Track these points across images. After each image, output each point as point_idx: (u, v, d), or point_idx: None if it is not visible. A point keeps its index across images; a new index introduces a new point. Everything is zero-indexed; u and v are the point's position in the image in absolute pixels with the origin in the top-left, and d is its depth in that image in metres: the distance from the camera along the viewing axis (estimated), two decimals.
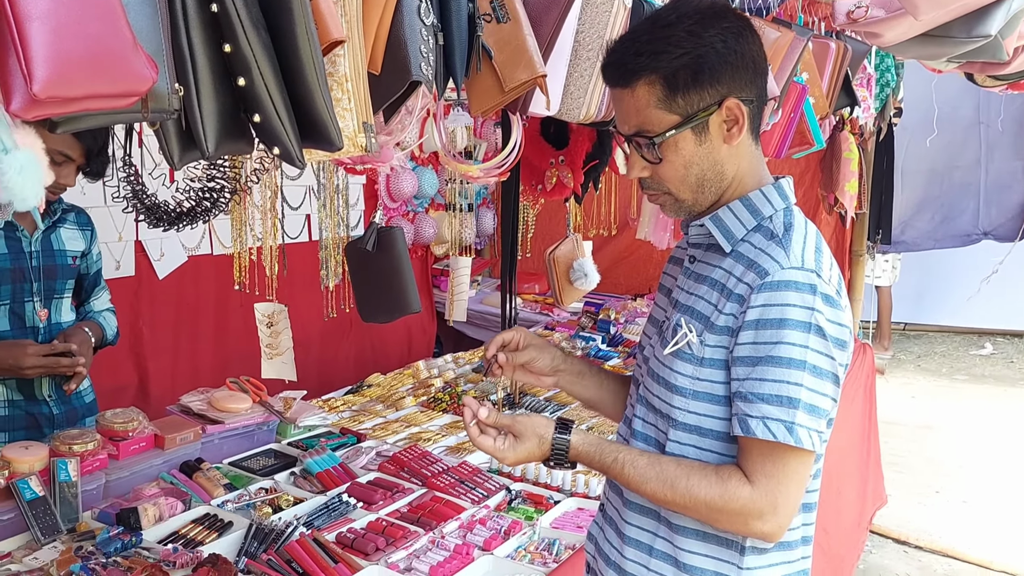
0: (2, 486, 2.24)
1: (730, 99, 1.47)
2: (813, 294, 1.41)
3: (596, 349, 4.52)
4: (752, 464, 1.44)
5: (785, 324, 1.40)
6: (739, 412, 1.44)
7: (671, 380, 1.53)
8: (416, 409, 3.58)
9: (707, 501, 1.46)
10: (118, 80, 1.05)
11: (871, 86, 4.00)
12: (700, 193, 1.54)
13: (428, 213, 5.58)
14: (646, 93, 1.47)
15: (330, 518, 2.45)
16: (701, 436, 1.51)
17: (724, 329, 1.47)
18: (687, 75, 1.44)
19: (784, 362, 1.40)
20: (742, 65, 1.47)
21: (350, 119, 1.45)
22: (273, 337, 2.14)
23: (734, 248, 1.52)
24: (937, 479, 5.73)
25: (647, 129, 1.49)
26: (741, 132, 1.49)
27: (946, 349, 8.89)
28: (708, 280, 1.53)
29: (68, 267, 2.72)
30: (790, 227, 1.50)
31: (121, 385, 3.79)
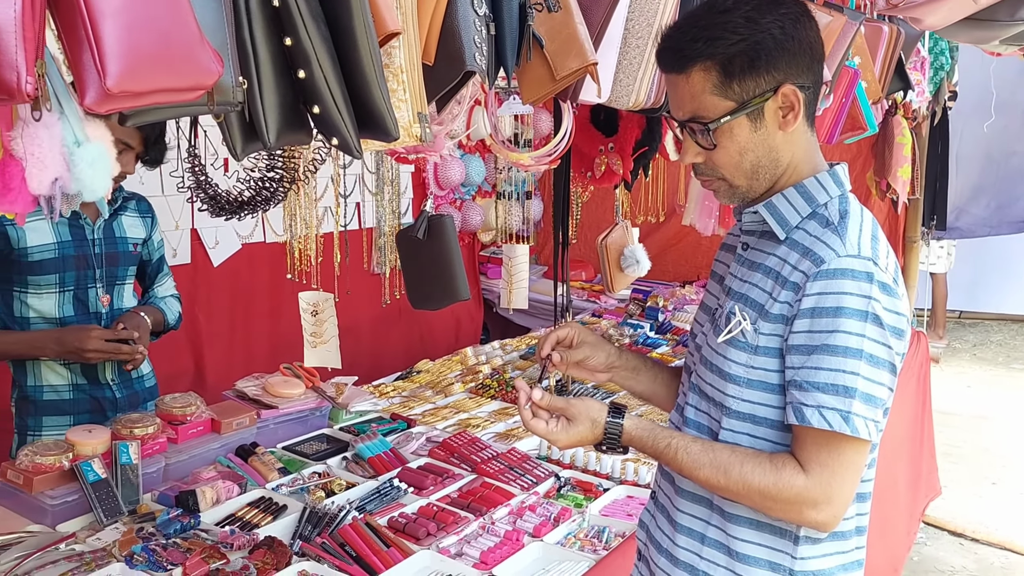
0: (66, 468, 2.32)
1: (786, 85, 1.46)
2: (870, 282, 1.40)
3: (644, 336, 4.51)
4: (807, 453, 1.44)
5: (841, 312, 1.39)
6: (794, 401, 1.43)
7: (725, 368, 1.52)
8: (465, 395, 3.62)
9: (761, 489, 1.46)
10: (186, 74, 1.09)
11: (925, 69, 3.92)
12: (755, 179, 1.53)
13: (475, 200, 5.60)
14: (701, 79, 1.46)
15: (382, 503, 2.49)
16: (755, 424, 1.51)
17: (779, 317, 1.46)
18: (743, 61, 1.43)
19: (840, 351, 1.39)
20: (799, 51, 1.45)
21: (405, 110, 1.47)
22: (318, 326, 2.17)
23: (788, 235, 1.51)
24: (993, 470, 5.63)
25: (702, 115, 1.48)
26: (797, 119, 1.48)
27: (1003, 338, 8.71)
28: (762, 267, 1.52)
29: (129, 254, 2.79)
30: (846, 214, 1.49)
31: (178, 371, 3.88)
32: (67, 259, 2.62)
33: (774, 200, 1.53)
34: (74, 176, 1.17)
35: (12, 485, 2.32)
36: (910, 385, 4.32)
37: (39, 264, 2.57)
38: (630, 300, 5.11)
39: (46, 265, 2.58)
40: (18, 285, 2.60)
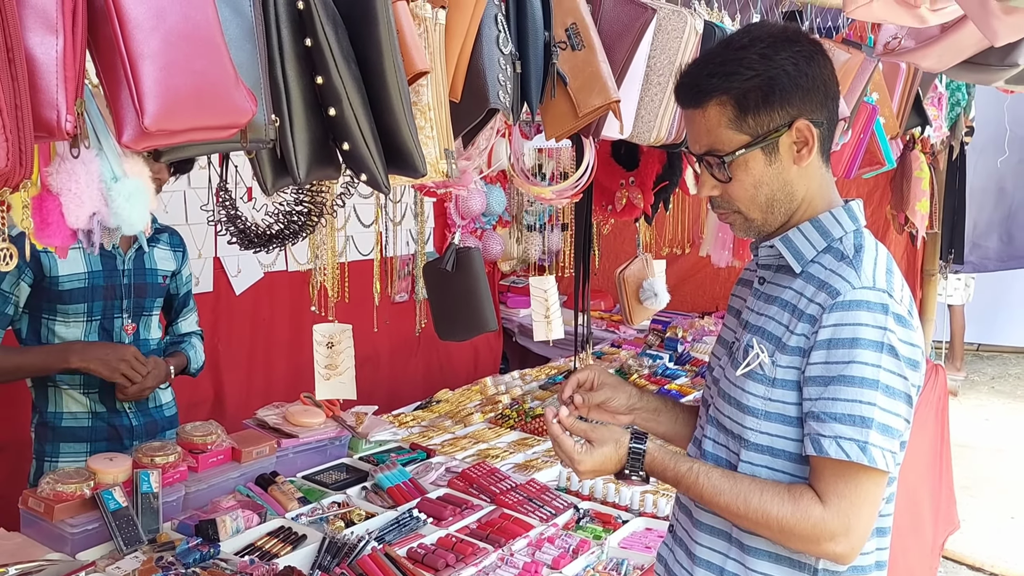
0: (87, 496, 2.33)
1: (800, 120, 1.48)
2: (885, 314, 1.42)
3: (663, 367, 4.50)
4: (825, 484, 1.44)
5: (858, 344, 1.40)
6: (811, 432, 1.44)
7: (743, 401, 1.53)
8: (484, 425, 3.62)
9: (779, 519, 1.46)
10: (221, 113, 1.12)
11: (942, 105, 3.94)
12: (770, 213, 1.55)
13: (495, 230, 5.63)
14: (717, 113, 1.49)
15: (401, 533, 2.49)
16: (773, 457, 1.52)
17: (796, 350, 1.47)
18: (758, 96, 1.46)
19: (857, 381, 1.40)
20: (812, 88, 1.48)
21: (432, 146, 1.50)
22: (333, 357, 2.17)
23: (804, 269, 1.53)
24: (1012, 504, 5.56)
25: (717, 148, 1.51)
26: (811, 153, 1.50)
27: (1021, 371, 8.64)
28: (779, 301, 1.54)
29: (158, 286, 2.81)
30: (860, 248, 1.51)
31: (199, 399, 3.90)
32: (96, 289, 2.65)
33: (790, 234, 1.55)
34: (112, 211, 1.20)
35: (33, 513, 2.33)
36: (929, 418, 4.29)
37: (68, 293, 2.60)
38: (649, 331, 5.11)
39: (75, 294, 2.61)
40: (47, 312, 2.63)
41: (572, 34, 1.85)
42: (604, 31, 1.96)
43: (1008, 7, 1.82)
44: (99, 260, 2.65)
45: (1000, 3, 1.81)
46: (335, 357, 2.04)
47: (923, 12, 1.95)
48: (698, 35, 2.13)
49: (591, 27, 1.87)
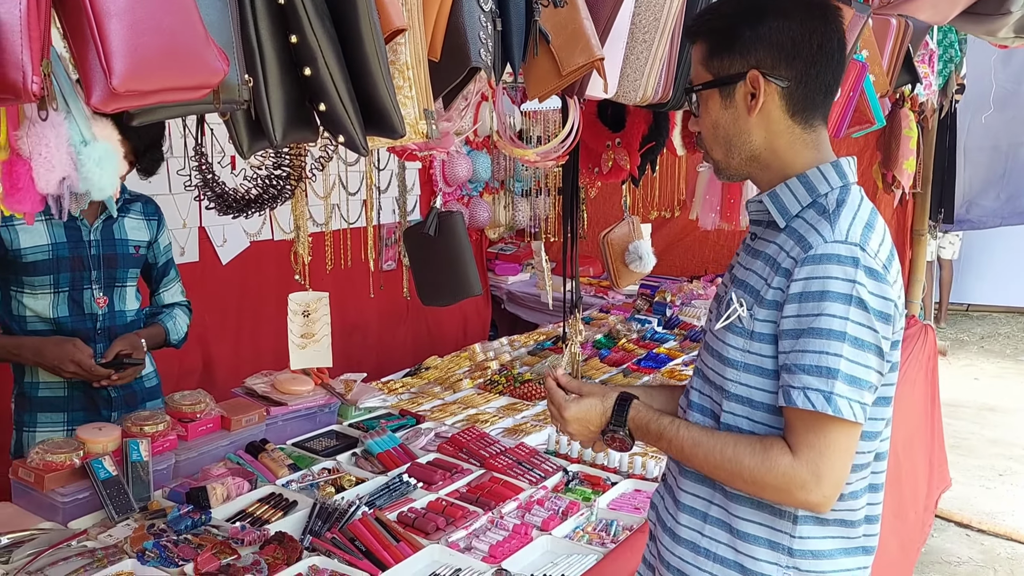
0: (77, 466, 2.33)
1: (754, 72, 1.52)
2: (855, 267, 1.43)
3: (652, 331, 4.50)
4: (795, 435, 1.46)
5: (826, 296, 1.42)
6: (784, 383, 1.46)
7: (723, 353, 1.57)
8: (473, 391, 3.62)
9: (751, 469, 1.48)
10: (192, 73, 1.09)
11: (933, 63, 3.90)
12: (729, 155, 1.60)
13: (482, 197, 5.61)
14: (698, 50, 1.60)
15: (391, 498, 2.50)
16: (752, 408, 1.54)
17: (772, 303, 1.50)
18: (723, 41, 1.55)
19: (825, 333, 1.42)
20: (778, 43, 1.51)
21: (411, 106, 1.48)
22: (309, 326, 2.15)
23: (788, 224, 1.55)
24: (1001, 462, 5.61)
25: (692, 82, 1.62)
26: (759, 106, 1.54)
27: (1010, 330, 8.69)
28: (763, 255, 1.57)
29: (130, 256, 2.75)
30: (842, 203, 1.52)
31: (188, 368, 3.89)
32: (62, 260, 2.60)
33: (776, 190, 1.58)
34: (81, 175, 1.17)
35: (24, 483, 2.34)
36: (919, 378, 4.31)
37: (33, 265, 2.56)
38: (638, 295, 5.11)
39: (40, 266, 2.57)
40: (15, 285, 2.60)
41: None
42: None
43: None
44: (63, 231, 2.60)
45: None
46: (311, 326, 2.02)
47: None
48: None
49: None
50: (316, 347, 2.09)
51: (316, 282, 3.30)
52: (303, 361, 2.09)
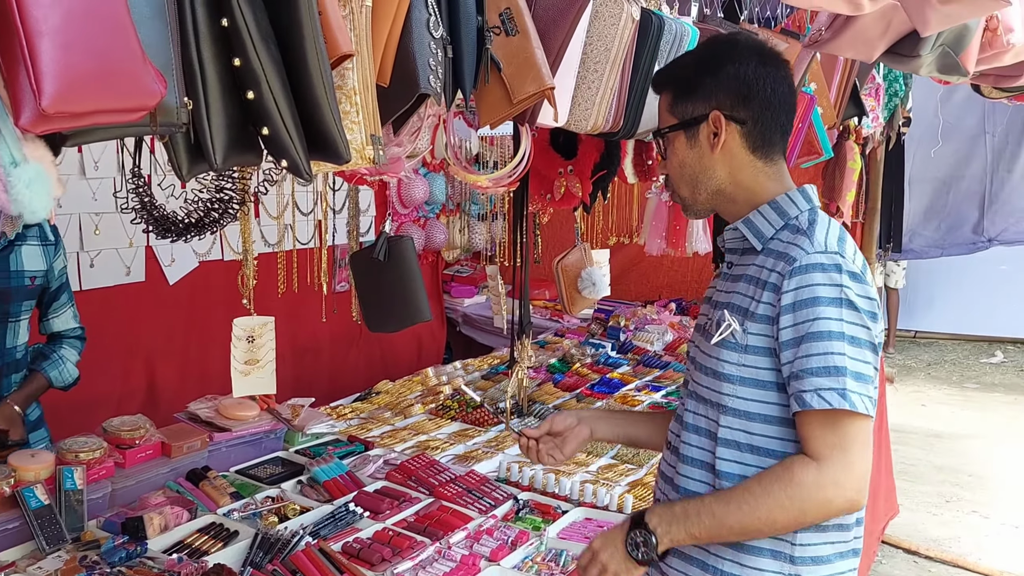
0: (7, 494, 2.25)
1: (715, 112, 1.65)
2: (839, 272, 1.54)
3: (605, 356, 4.51)
4: (815, 440, 1.52)
5: (818, 301, 1.52)
6: (794, 391, 1.53)
7: (719, 369, 1.63)
8: (424, 417, 3.58)
9: (785, 494, 1.52)
10: (127, 95, 1.06)
11: (879, 96, 3.99)
12: (696, 192, 1.72)
13: (439, 219, 5.59)
14: (665, 99, 1.73)
15: (336, 527, 2.45)
16: (749, 421, 1.60)
17: (764, 318, 1.58)
18: (686, 87, 1.69)
19: (824, 335, 1.50)
20: (735, 88, 1.65)
21: (358, 132, 1.46)
22: (253, 352, 2.10)
23: (765, 246, 1.65)
24: (948, 488, 5.69)
25: (660, 127, 1.74)
26: (721, 143, 1.66)
27: (956, 357, 8.84)
28: (744, 277, 1.66)
29: (24, 288, 2.58)
30: (813, 222, 1.63)
31: (130, 391, 3.80)
32: None
33: (751, 216, 1.69)
34: (12, 197, 1.14)
35: None
36: None
37: None
38: (592, 320, 5.11)
39: None
40: None
41: (506, 19, 1.81)
42: (539, 17, 1.92)
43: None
44: None
45: None
46: (256, 351, 1.98)
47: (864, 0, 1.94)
48: (635, 23, 2.11)
49: (526, 12, 1.84)
50: (260, 373, 2.04)
51: (267, 304, 3.24)
52: (246, 388, 2.04)
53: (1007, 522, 5.21)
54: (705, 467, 1.66)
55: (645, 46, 2.18)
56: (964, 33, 2.32)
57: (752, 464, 1.60)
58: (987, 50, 2.39)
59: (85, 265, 3.57)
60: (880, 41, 2.29)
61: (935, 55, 2.30)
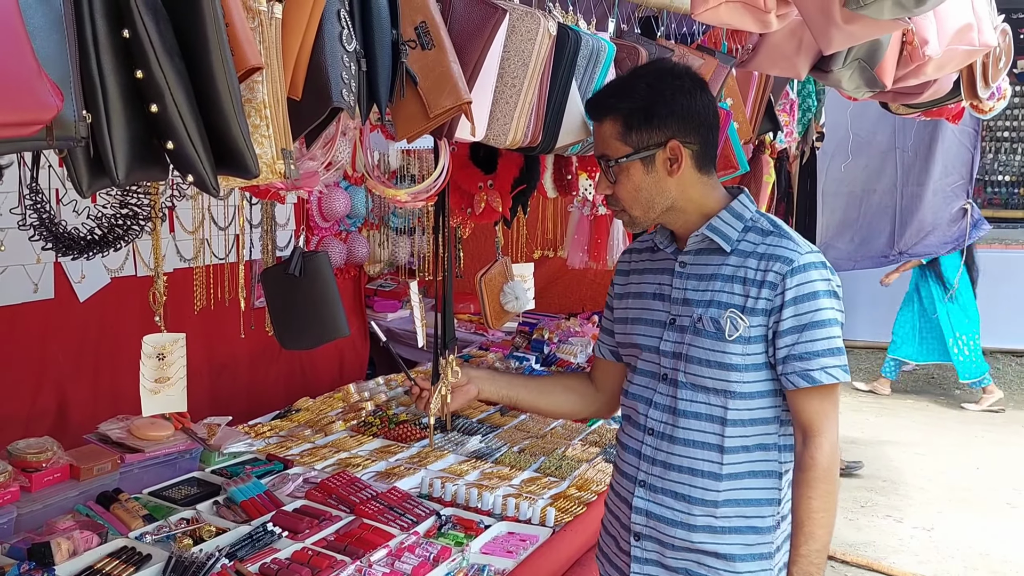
0: None
1: (673, 141, 1.83)
2: (825, 268, 1.85)
3: (529, 368, 4.52)
4: (815, 413, 1.83)
5: (817, 296, 1.81)
6: (796, 370, 1.81)
7: (727, 361, 1.85)
8: (346, 434, 3.54)
9: (826, 478, 1.82)
10: (20, 108, 1.02)
11: (794, 111, 4.10)
12: (649, 211, 1.90)
13: (361, 232, 5.53)
14: (610, 127, 1.86)
15: (254, 548, 2.40)
16: (751, 399, 1.86)
17: (762, 312, 1.83)
18: (640, 117, 1.83)
19: (826, 323, 1.81)
20: (686, 116, 1.84)
21: (269, 146, 1.43)
22: (164, 370, 2.05)
23: (734, 248, 1.88)
24: (862, 493, 5.85)
25: (608, 155, 1.87)
26: (680, 168, 1.85)
27: (870, 365, 9.10)
28: (720, 276, 1.88)
29: None
30: (776, 224, 1.91)
31: (39, 412, 3.65)
32: None
33: (714, 223, 1.90)
34: None
35: None
36: None
37: None
38: (516, 333, 5.12)
39: None
40: None
41: (422, 33, 1.80)
42: (455, 31, 1.92)
43: (850, 14, 1.88)
44: None
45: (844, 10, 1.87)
46: (166, 369, 1.92)
47: (771, 18, 2.00)
48: (552, 38, 2.12)
49: (441, 26, 1.83)
50: (170, 391, 1.98)
51: (182, 320, 3.16)
52: (156, 407, 1.99)
53: (920, 525, 5.38)
54: (709, 448, 1.88)
55: (562, 61, 2.19)
56: (877, 48, 2.41)
57: (752, 435, 1.88)
58: (908, 64, 2.47)
59: None
60: (797, 58, 2.37)
61: (852, 69, 2.37)
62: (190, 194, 1.67)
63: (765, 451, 1.90)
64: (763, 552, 1.92)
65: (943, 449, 6.78)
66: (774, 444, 1.90)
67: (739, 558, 1.89)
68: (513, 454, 3.35)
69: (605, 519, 2.14)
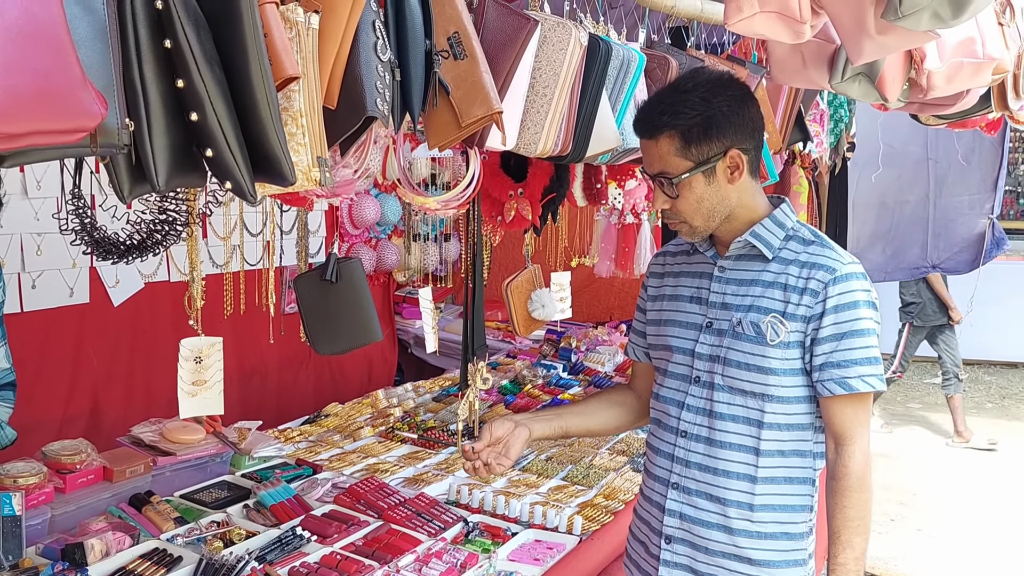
0: None
1: (733, 150, 1.85)
2: (865, 279, 1.87)
3: (557, 377, 4.52)
4: (846, 420, 1.85)
5: (857, 305, 1.83)
6: (834, 377, 1.83)
7: (767, 365, 1.87)
8: (374, 439, 3.56)
9: (859, 486, 1.84)
10: (66, 116, 1.05)
11: (824, 122, 4.08)
12: (710, 221, 1.92)
13: (391, 240, 5.56)
14: (667, 144, 1.85)
15: (283, 552, 2.42)
16: (789, 404, 1.88)
17: (801, 318, 1.85)
18: (699, 132, 1.83)
19: (865, 333, 1.83)
20: (742, 123, 1.85)
21: (305, 153, 1.45)
22: (201, 373, 2.08)
23: (776, 255, 1.91)
24: (892, 507, 5.79)
25: (667, 172, 1.87)
26: (742, 175, 1.88)
27: (903, 377, 9.00)
28: (760, 282, 1.91)
29: None
30: (816, 234, 1.94)
31: (73, 414, 3.71)
32: None
33: (757, 230, 1.92)
34: None
35: None
36: None
37: None
38: (544, 341, 5.12)
39: None
40: None
41: (454, 43, 1.82)
42: (487, 41, 1.94)
43: (885, 25, 1.86)
44: None
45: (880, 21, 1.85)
46: (203, 372, 1.95)
47: (805, 28, 1.98)
48: (583, 48, 2.13)
49: (474, 37, 1.85)
50: (207, 394, 2.01)
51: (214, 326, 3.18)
52: (193, 409, 2.02)
53: (951, 540, 5.31)
54: (745, 450, 1.89)
55: (593, 71, 2.20)
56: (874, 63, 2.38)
57: (788, 439, 1.89)
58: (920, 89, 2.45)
59: (27, 286, 3.49)
60: (807, 71, 2.37)
61: (857, 82, 2.35)
62: (224, 200, 1.70)
63: (801, 457, 1.91)
64: (798, 559, 1.93)
65: (974, 461, 6.69)
66: (809, 451, 1.92)
67: (775, 564, 1.91)
68: (540, 462, 3.35)
69: (633, 525, 2.14)
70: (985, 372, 9.30)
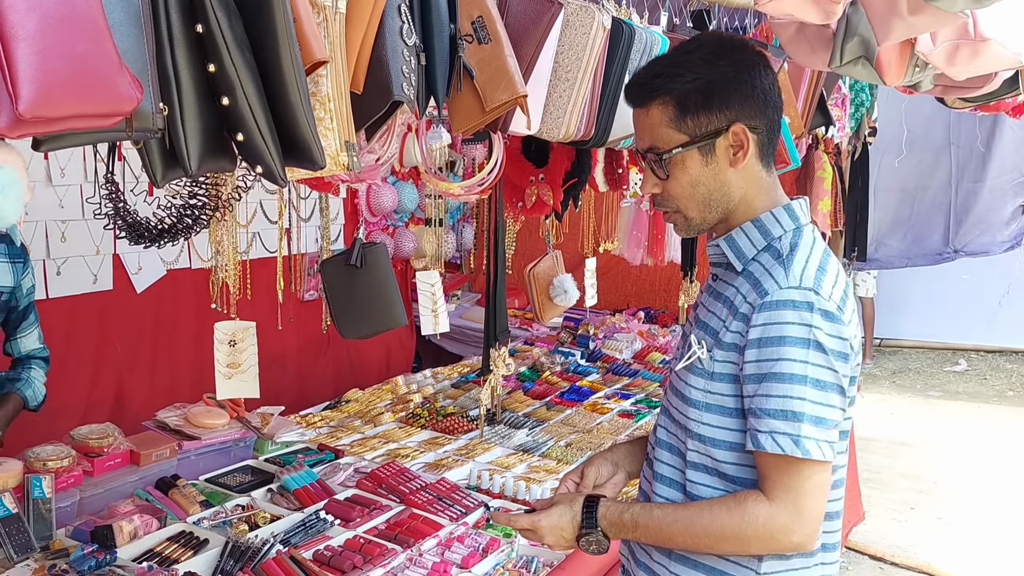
0: None
1: (737, 124, 1.53)
2: (811, 311, 1.46)
3: (575, 364, 4.53)
4: (768, 480, 1.48)
5: (784, 342, 1.45)
6: (751, 428, 1.48)
7: (686, 393, 1.58)
8: (394, 425, 3.58)
9: (732, 527, 1.49)
10: (103, 100, 1.06)
11: (846, 106, 4.06)
12: (708, 211, 1.59)
13: (408, 227, 5.57)
14: (659, 112, 1.54)
15: (307, 535, 2.44)
16: (714, 447, 1.56)
17: (731, 346, 1.52)
18: (697, 98, 1.52)
19: (787, 378, 1.45)
20: (751, 95, 1.53)
21: (332, 138, 1.46)
22: (235, 356, 2.10)
23: (745, 267, 1.57)
24: (912, 495, 5.77)
25: (657, 146, 1.56)
26: (746, 157, 1.55)
27: (920, 365, 8.97)
28: (723, 298, 1.59)
29: None
30: (795, 247, 1.55)
31: (98, 400, 3.75)
32: None
33: (733, 234, 1.60)
34: None
35: None
36: None
37: None
38: (562, 328, 5.13)
39: None
40: None
41: (478, 27, 1.83)
42: (511, 25, 1.95)
43: (918, 5, 1.83)
44: None
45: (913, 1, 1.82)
46: (237, 355, 1.97)
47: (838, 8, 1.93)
48: (606, 31, 2.14)
49: (498, 21, 1.86)
50: (243, 377, 2.04)
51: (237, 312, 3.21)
52: (230, 391, 2.04)
53: (970, 529, 5.30)
54: (676, 486, 1.63)
55: (616, 55, 2.21)
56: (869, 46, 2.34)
57: (721, 488, 1.56)
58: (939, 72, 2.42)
59: (52, 273, 3.52)
60: (815, 56, 2.31)
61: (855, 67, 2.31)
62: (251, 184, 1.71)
63: None
64: None
65: (994, 450, 6.66)
66: None
67: None
68: (560, 448, 3.36)
69: None
70: (1007, 360, 9.24)
